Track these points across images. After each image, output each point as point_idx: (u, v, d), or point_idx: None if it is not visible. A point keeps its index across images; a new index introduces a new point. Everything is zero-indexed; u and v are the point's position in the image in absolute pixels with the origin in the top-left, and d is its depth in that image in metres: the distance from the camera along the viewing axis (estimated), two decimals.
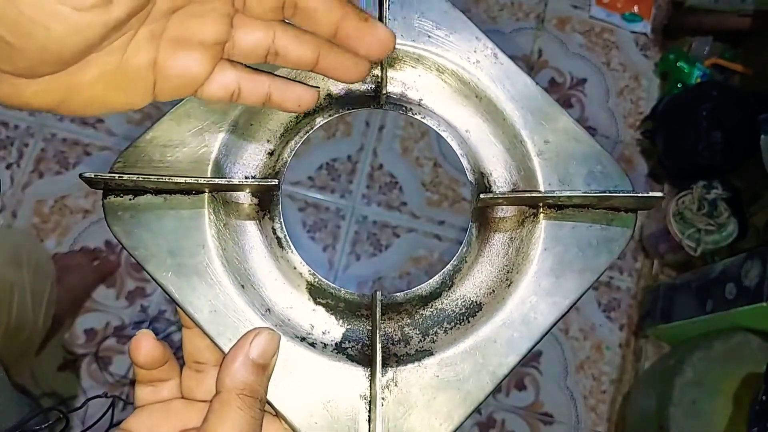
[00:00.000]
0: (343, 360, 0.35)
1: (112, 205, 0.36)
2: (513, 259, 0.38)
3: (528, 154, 0.39)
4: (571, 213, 0.38)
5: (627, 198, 0.37)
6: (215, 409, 0.31)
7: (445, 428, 0.34)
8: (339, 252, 1.25)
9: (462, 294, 0.38)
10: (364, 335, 0.37)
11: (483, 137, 0.40)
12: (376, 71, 0.40)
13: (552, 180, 0.38)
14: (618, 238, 0.37)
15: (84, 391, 1.15)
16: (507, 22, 1.43)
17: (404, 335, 0.37)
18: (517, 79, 0.40)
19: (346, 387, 0.35)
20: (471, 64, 0.40)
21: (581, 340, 1.26)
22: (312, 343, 0.36)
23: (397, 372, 0.35)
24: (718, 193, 1.18)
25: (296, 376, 0.34)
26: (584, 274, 0.37)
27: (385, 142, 1.32)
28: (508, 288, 0.37)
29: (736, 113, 1.19)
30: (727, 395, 0.98)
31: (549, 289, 0.36)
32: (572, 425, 1.23)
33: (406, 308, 0.38)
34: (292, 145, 0.40)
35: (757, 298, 0.95)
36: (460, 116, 0.41)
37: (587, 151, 0.38)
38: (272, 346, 0.33)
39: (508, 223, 0.39)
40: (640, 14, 1.44)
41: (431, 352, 0.35)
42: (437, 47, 0.40)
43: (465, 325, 0.37)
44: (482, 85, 0.39)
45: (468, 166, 0.40)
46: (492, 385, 0.35)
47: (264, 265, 0.37)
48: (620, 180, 0.38)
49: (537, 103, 0.39)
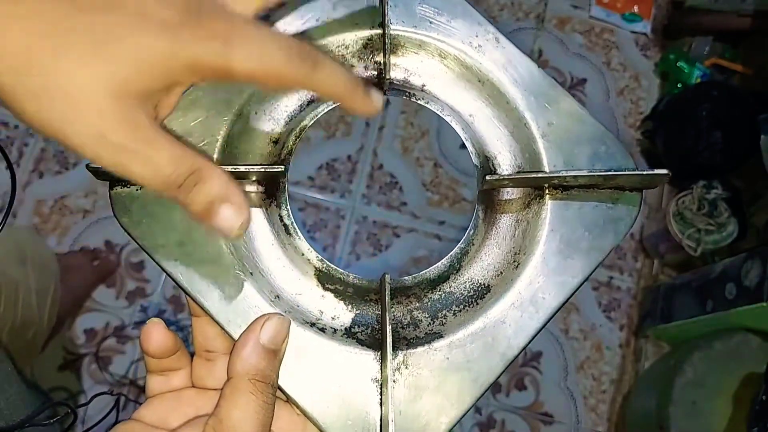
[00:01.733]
0: (353, 344, 0.35)
1: (119, 196, 0.36)
2: (520, 241, 0.38)
3: (532, 137, 0.39)
4: (577, 193, 0.38)
5: (632, 176, 0.37)
6: (227, 395, 0.31)
7: (456, 409, 0.34)
8: (339, 252, 1.25)
9: (470, 276, 0.38)
10: (373, 319, 0.37)
11: (487, 121, 0.40)
12: (379, 58, 0.40)
13: (557, 161, 0.38)
14: (624, 217, 0.37)
15: (84, 391, 1.15)
16: (507, 22, 1.43)
17: (413, 319, 0.37)
18: (519, 63, 0.40)
19: (357, 371, 0.35)
20: (473, 49, 0.40)
21: (581, 340, 1.26)
22: (322, 328, 0.35)
23: (407, 355, 0.35)
24: (718, 193, 1.19)
25: (306, 361, 0.34)
26: (591, 254, 0.37)
27: (385, 142, 1.32)
28: (515, 269, 0.37)
29: (736, 113, 1.19)
30: (727, 395, 0.98)
31: (556, 269, 0.36)
32: (572, 425, 1.23)
33: (415, 292, 0.38)
34: (297, 132, 0.40)
35: (757, 298, 0.95)
36: (463, 101, 0.41)
37: (591, 132, 0.39)
38: (282, 330, 0.33)
39: (515, 205, 0.39)
40: (640, 14, 1.44)
41: (441, 335, 0.35)
42: (439, 33, 0.40)
43: (474, 308, 0.37)
44: (485, 70, 0.39)
45: (473, 150, 0.40)
46: (502, 366, 0.35)
47: (272, 252, 0.37)
48: (625, 160, 0.38)
49: (540, 86, 0.39)
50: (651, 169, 0.36)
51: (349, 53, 0.40)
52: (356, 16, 0.40)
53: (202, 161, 0.29)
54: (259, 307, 0.35)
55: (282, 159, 0.39)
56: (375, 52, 0.40)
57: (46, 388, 1.13)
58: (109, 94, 0.26)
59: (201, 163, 0.29)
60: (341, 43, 0.40)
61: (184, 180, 0.29)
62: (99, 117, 0.26)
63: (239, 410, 0.30)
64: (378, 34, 0.40)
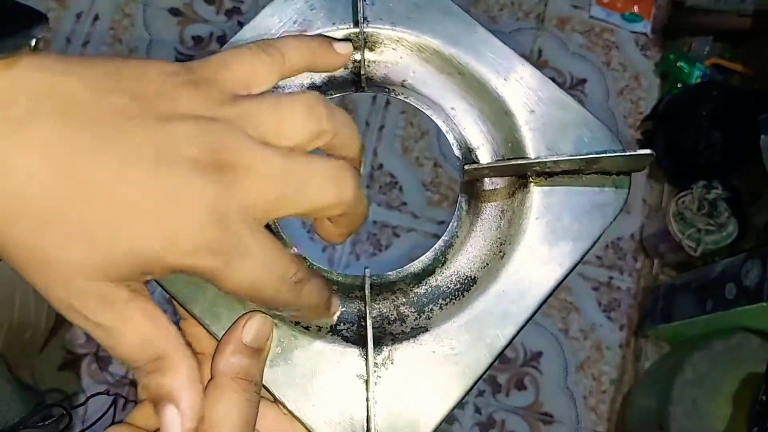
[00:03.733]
0: (338, 342, 0.35)
1: None
2: (505, 231, 0.37)
3: (515, 126, 0.38)
4: (562, 179, 0.37)
5: (615, 159, 0.36)
6: (210, 393, 0.30)
7: (445, 402, 0.34)
8: (339, 252, 1.25)
9: (456, 269, 0.38)
10: (358, 316, 0.37)
11: (468, 112, 0.40)
12: (357, 56, 0.40)
13: (540, 149, 0.38)
14: (612, 201, 0.37)
15: (84, 390, 1.15)
16: (507, 22, 1.43)
17: (400, 314, 0.37)
18: (497, 51, 0.39)
19: (343, 368, 0.34)
20: (451, 42, 0.39)
21: (581, 340, 1.26)
22: (307, 326, 0.35)
23: (392, 350, 0.34)
24: (718, 193, 1.18)
25: (291, 359, 0.34)
26: (578, 241, 0.36)
27: (385, 142, 1.32)
28: (501, 260, 0.36)
29: (736, 113, 1.19)
30: (727, 395, 0.98)
31: (543, 258, 0.36)
32: (572, 425, 1.22)
33: (400, 287, 0.38)
34: None
35: (757, 298, 0.95)
36: (444, 94, 0.40)
37: (575, 119, 0.38)
38: (265, 329, 0.33)
39: (499, 194, 0.39)
40: (640, 14, 1.44)
41: (427, 329, 0.35)
42: (416, 28, 0.40)
43: (460, 300, 0.36)
44: (464, 61, 0.39)
45: (454, 143, 0.40)
46: (490, 357, 0.34)
47: None
48: (610, 144, 0.38)
49: (521, 75, 0.39)
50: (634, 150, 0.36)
51: None
52: (334, 15, 0.40)
53: (172, 347, 0.28)
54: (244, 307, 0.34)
55: None
56: (354, 50, 0.40)
57: (47, 389, 1.13)
58: (85, 275, 0.25)
59: (169, 350, 0.28)
60: None
61: (144, 364, 0.27)
62: (69, 292, 0.25)
63: (221, 408, 0.30)
64: (355, 32, 0.40)
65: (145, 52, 1.33)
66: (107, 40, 1.34)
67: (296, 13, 0.40)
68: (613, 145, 0.38)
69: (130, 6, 1.36)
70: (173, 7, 1.37)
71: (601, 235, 0.37)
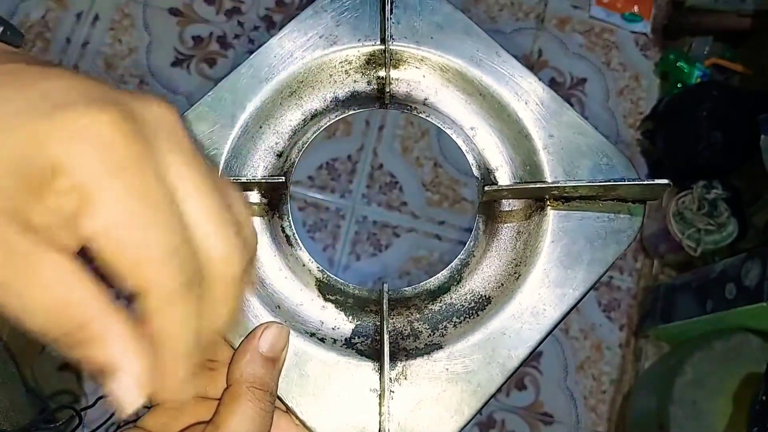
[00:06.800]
0: (352, 355, 0.35)
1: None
2: (521, 252, 0.38)
3: (533, 149, 0.39)
4: (578, 204, 0.38)
5: (632, 186, 0.37)
6: (226, 402, 0.31)
7: (456, 421, 0.34)
8: (339, 252, 1.25)
9: (471, 288, 0.38)
10: (373, 330, 0.37)
11: (488, 134, 0.41)
12: (381, 72, 0.41)
13: (558, 173, 0.38)
14: (626, 229, 0.38)
15: (84, 391, 1.15)
16: (507, 22, 1.43)
17: (414, 330, 0.37)
18: (519, 76, 0.40)
19: (356, 381, 0.35)
20: (474, 63, 0.40)
21: (581, 340, 1.26)
22: (322, 338, 0.36)
23: (406, 366, 0.35)
24: (718, 193, 1.19)
25: (306, 370, 0.35)
26: (593, 266, 0.37)
27: (385, 142, 1.32)
28: (516, 281, 0.37)
29: (736, 113, 1.19)
30: (727, 395, 0.98)
31: (557, 281, 0.36)
32: (572, 425, 1.23)
33: (415, 303, 0.38)
34: (300, 145, 0.40)
35: (757, 298, 0.95)
36: (464, 114, 0.41)
37: (592, 144, 0.39)
38: (282, 339, 0.33)
39: (515, 216, 0.39)
40: (640, 14, 1.44)
41: (441, 346, 0.36)
42: (440, 48, 0.40)
43: (474, 319, 0.37)
44: (486, 83, 0.40)
45: (474, 162, 0.40)
46: (502, 377, 0.35)
47: (273, 263, 0.38)
48: (626, 171, 0.38)
49: (541, 99, 0.40)
50: (651, 179, 0.36)
51: (352, 69, 0.41)
52: (359, 32, 0.40)
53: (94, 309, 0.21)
54: (260, 317, 0.35)
55: (285, 171, 0.39)
56: (378, 67, 0.41)
57: (48, 390, 1.13)
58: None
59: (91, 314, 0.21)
60: (344, 59, 0.41)
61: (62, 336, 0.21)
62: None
63: (237, 417, 0.30)
64: (380, 49, 0.40)
65: (145, 52, 1.33)
66: (107, 40, 1.33)
67: (323, 28, 0.40)
68: (630, 173, 0.38)
69: (130, 6, 1.36)
70: (173, 7, 1.37)
71: (615, 261, 0.37)
